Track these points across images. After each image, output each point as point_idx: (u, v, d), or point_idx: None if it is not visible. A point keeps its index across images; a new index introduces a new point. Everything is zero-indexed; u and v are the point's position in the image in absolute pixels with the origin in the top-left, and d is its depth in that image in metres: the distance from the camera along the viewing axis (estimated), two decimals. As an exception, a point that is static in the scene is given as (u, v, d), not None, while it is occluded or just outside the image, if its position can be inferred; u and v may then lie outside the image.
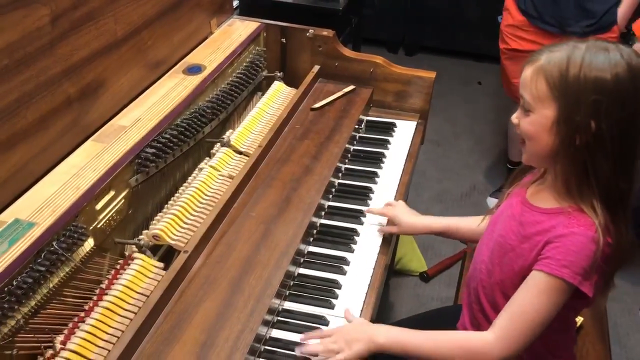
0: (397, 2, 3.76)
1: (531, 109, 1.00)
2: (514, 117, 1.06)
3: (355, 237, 1.37)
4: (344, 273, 1.27)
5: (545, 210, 1.05)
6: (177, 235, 1.24)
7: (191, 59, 1.60)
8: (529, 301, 1.01)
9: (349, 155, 1.64)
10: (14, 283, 0.94)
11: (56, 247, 1.03)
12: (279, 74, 1.81)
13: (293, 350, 1.09)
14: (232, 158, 1.47)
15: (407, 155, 1.67)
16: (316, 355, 1.06)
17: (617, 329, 2.17)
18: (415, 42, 3.93)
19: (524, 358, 1.09)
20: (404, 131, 1.76)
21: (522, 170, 1.16)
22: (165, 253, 1.28)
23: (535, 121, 1.00)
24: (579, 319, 1.44)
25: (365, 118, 1.79)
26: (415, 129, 1.78)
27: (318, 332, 1.10)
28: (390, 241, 1.40)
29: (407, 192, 1.79)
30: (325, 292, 1.22)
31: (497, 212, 1.19)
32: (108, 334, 1.04)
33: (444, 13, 3.74)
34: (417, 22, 3.82)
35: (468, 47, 3.84)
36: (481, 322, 1.18)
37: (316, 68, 1.81)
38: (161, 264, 1.18)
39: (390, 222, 1.38)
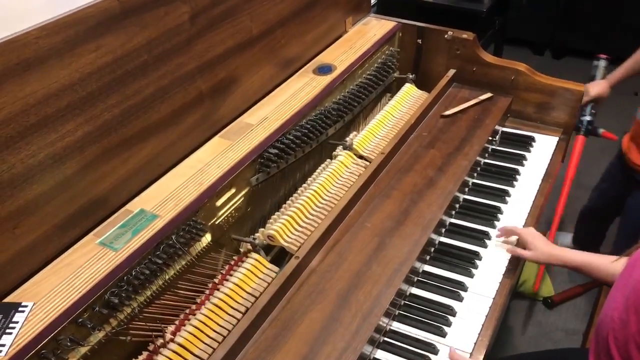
0: (546, 1, 3.48)
1: None
2: None
3: (477, 261, 1.27)
4: (460, 299, 1.19)
5: None
6: (291, 238, 1.23)
7: (323, 58, 1.58)
8: None
9: (479, 169, 1.53)
10: (133, 273, 0.98)
11: (175, 240, 1.06)
12: (410, 76, 1.74)
13: (396, 376, 1.04)
14: (352, 162, 1.43)
15: (545, 173, 1.52)
16: None
17: None
18: (563, 44, 3.62)
19: None
20: (544, 147, 1.61)
21: None
22: (277, 254, 1.28)
23: None
24: None
25: (501, 129, 1.66)
26: (557, 145, 1.62)
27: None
28: (516, 267, 1.28)
29: (542, 216, 1.64)
30: (437, 317, 1.15)
31: (636, 254, 1.03)
32: (215, 331, 1.05)
33: (599, 15, 3.39)
34: (567, 22, 3.51)
35: (623, 53, 3.45)
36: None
37: (451, 72, 1.71)
38: (275, 267, 1.17)
39: (521, 245, 1.27)
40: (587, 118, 1.88)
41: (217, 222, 1.18)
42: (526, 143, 1.62)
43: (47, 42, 0.88)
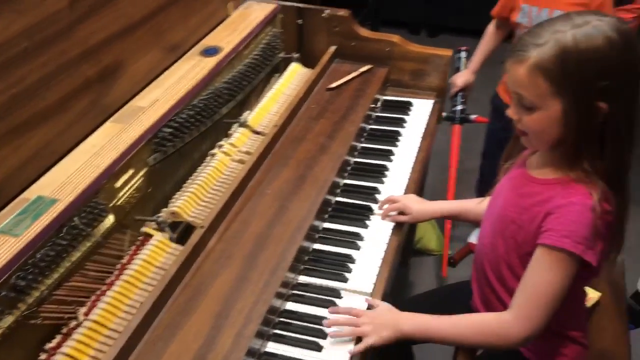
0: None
1: (535, 107, 0.97)
2: (513, 113, 1.03)
3: (370, 214, 1.39)
4: (357, 248, 1.29)
5: (544, 181, 1.05)
6: (195, 212, 1.28)
7: (208, 41, 1.62)
8: (539, 277, 1.02)
9: (365, 134, 1.65)
10: (38, 256, 0.99)
11: (77, 222, 1.07)
12: (295, 55, 1.83)
13: (307, 322, 1.12)
14: (249, 138, 1.50)
15: (424, 133, 1.67)
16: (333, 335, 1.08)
17: (642, 308, 2.14)
18: (437, 23, 3.89)
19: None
20: (421, 110, 1.76)
21: (518, 145, 1.14)
22: (184, 230, 1.32)
23: (542, 117, 0.97)
24: (597, 294, 1.44)
25: (382, 97, 1.79)
26: (432, 107, 1.78)
27: (346, 311, 1.12)
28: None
29: (425, 171, 1.79)
30: (339, 267, 1.24)
31: (497, 187, 1.19)
32: (128, 305, 1.08)
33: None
34: (439, 2, 3.78)
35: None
36: (490, 299, 1.19)
37: (332, 48, 1.82)
38: (180, 247, 1.20)
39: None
40: (459, 107, 2.05)
41: (118, 203, 1.20)
42: (405, 108, 1.76)
43: None
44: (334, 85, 1.73)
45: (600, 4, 1.74)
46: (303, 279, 1.22)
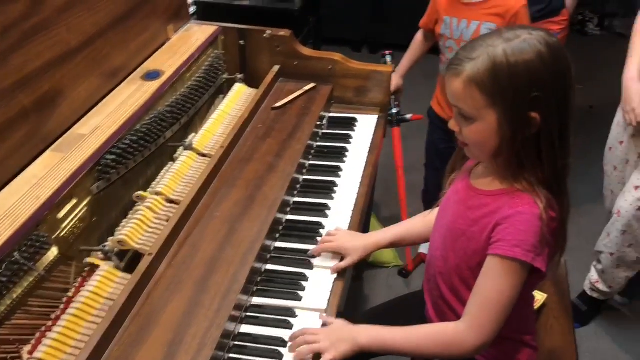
0: (356, 1, 3.80)
1: (473, 118, 1.01)
2: (453, 125, 1.07)
3: (321, 230, 1.39)
4: (311, 267, 1.29)
5: (490, 192, 1.09)
6: (143, 239, 1.25)
7: (149, 65, 1.61)
8: (491, 286, 1.04)
9: (312, 151, 1.67)
10: (-24, 295, 0.95)
11: (18, 257, 1.03)
12: (239, 76, 1.83)
13: (263, 344, 1.11)
14: (195, 161, 1.48)
15: (370, 147, 1.70)
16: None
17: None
18: (378, 39, 3.98)
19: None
20: (366, 125, 1.79)
21: (462, 156, 1.18)
22: (132, 258, 1.29)
23: (480, 128, 1.01)
24: (542, 296, 1.49)
25: (327, 115, 1.82)
26: (377, 122, 1.81)
27: (300, 332, 1.11)
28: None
29: (372, 184, 1.82)
30: (292, 286, 1.24)
31: (444, 200, 1.21)
32: (76, 340, 1.04)
33: (406, 10, 3.78)
34: (379, 20, 3.87)
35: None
36: (443, 309, 1.21)
37: (276, 68, 1.84)
38: (129, 275, 1.17)
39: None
40: (394, 110, 2.13)
41: (62, 235, 1.16)
42: (351, 124, 1.79)
43: None
44: (279, 104, 1.74)
45: (515, 14, 1.83)
46: (257, 300, 1.21)
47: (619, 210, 1.89)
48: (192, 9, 2.04)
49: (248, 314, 1.18)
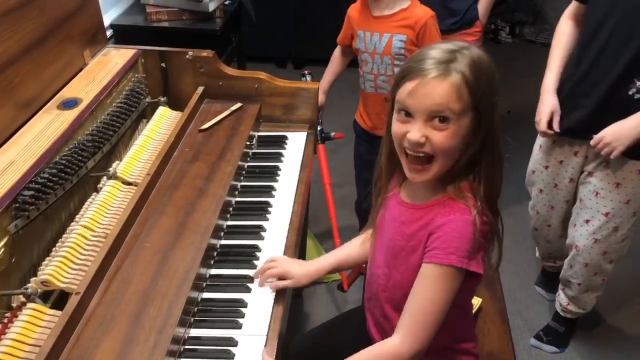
0: (279, 18, 3.82)
1: (451, 122, 0.99)
2: (418, 136, 1.01)
3: (257, 253, 1.37)
4: (249, 291, 1.27)
5: (422, 205, 1.11)
6: (69, 278, 1.18)
7: (66, 93, 1.53)
8: (425, 294, 1.06)
9: (244, 172, 1.64)
10: None
11: None
12: (162, 99, 1.78)
13: (203, 377, 1.07)
14: (120, 190, 1.42)
15: (301, 165, 1.70)
16: None
17: (518, 304, 2.32)
18: (303, 55, 4.00)
19: (431, 351, 1.11)
20: (296, 142, 1.79)
21: (387, 176, 1.18)
22: (59, 299, 1.21)
23: (456, 133, 1.00)
24: (478, 301, 1.53)
25: (257, 134, 1.80)
26: (307, 138, 1.81)
27: None
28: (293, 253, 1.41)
29: (307, 202, 1.81)
30: (231, 313, 1.21)
31: (379, 219, 1.22)
32: (-1, 394, 0.97)
33: (329, 24, 3.83)
34: (302, 36, 3.90)
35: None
36: (385, 327, 1.21)
37: (200, 89, 1.80)
38: (58, 312, 1.11)
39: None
40: (319, 128, 2.13)
41: (-23, 280, 1.08)
42: (281, 142, 1.78)
43: None
44: (206, 126, 1.70)
45: (423, 25, 1.88)
46: (195, 332, 1.17)
47: (577, 245, 1.89)
48: (109, 33, 1.98)
49: (187, 346, 1.14)
